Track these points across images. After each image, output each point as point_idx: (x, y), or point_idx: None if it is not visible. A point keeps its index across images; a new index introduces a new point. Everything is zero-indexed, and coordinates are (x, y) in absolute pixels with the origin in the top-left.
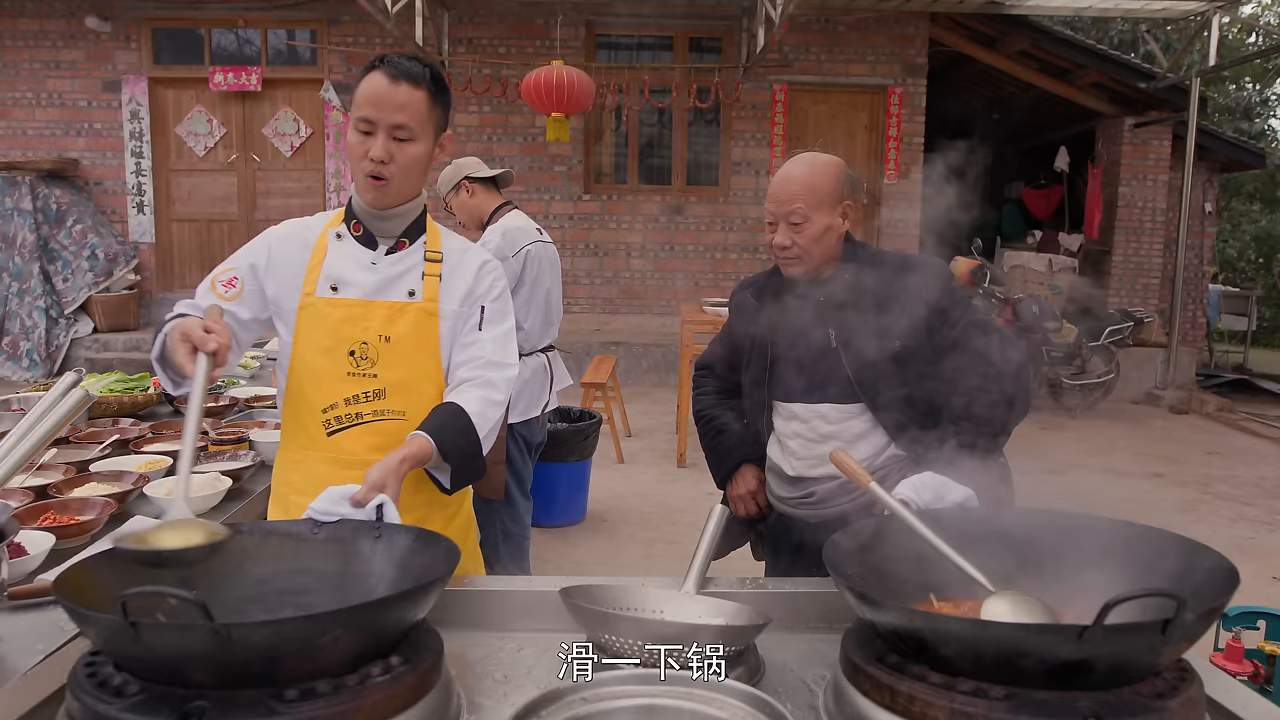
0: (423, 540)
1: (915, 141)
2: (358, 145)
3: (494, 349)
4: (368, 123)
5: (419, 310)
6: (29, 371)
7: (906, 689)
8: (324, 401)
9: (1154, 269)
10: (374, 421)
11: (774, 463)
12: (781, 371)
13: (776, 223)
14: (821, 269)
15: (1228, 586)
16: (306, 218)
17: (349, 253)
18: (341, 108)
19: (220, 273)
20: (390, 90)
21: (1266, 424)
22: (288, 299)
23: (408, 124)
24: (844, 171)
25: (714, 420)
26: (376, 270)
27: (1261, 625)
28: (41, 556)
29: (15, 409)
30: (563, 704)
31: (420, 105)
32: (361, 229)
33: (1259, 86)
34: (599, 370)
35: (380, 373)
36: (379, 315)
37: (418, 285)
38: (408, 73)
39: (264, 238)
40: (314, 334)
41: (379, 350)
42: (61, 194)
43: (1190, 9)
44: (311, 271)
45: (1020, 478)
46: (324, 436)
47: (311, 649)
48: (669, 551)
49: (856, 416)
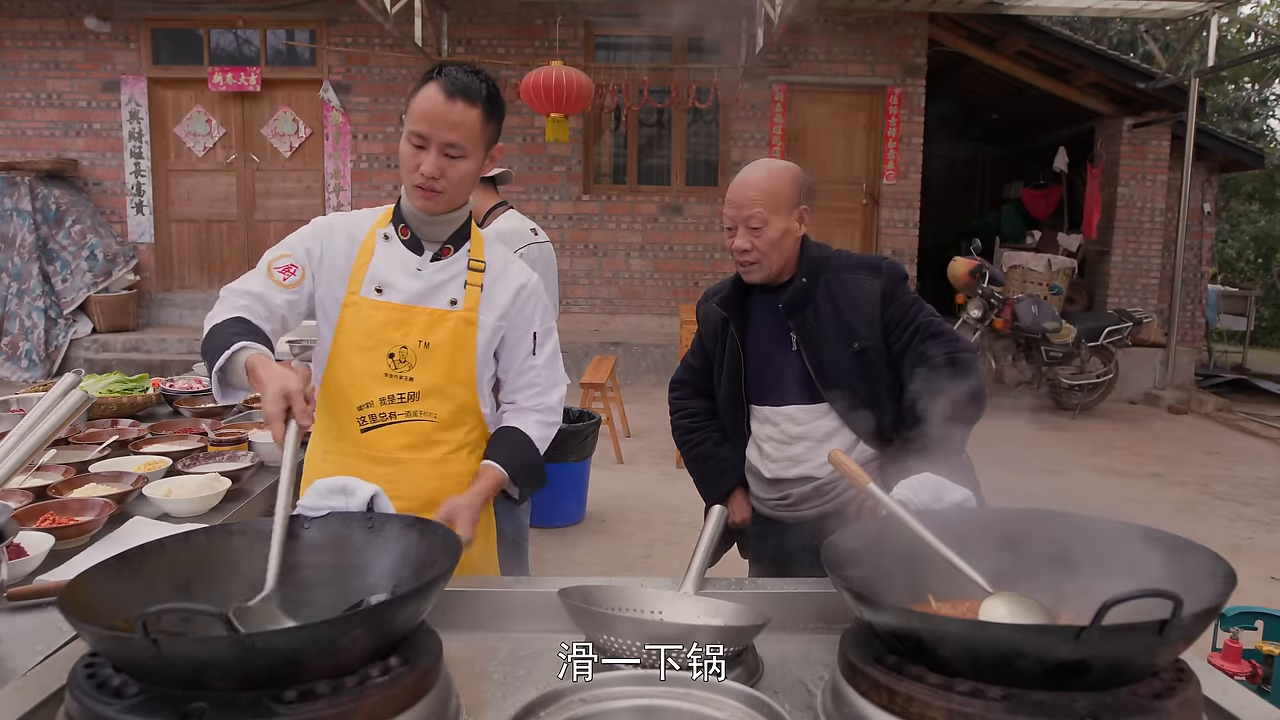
0: (418, 528)
1: (914, 142)
2: (410, 157)
3: (548, 373)
4: (420, 138)
5: (459, 319)
6: (28, 372)
7: (904, 689)
8: (360, 399)
9: (1153, 269)
10: (406, 422)
11: (752, 464)
12: (752, 376)
13: (735, 227)
14: (780, 273)
15: (1225, 587)
16: (354, 212)
17: (396, 256)
18: (341, 108)
19: (276, 259)
20: (445, 108)
21: (1265, 424)
22: (333, 294)
23: (460, 142)
24: (800, 176)
25: (699, 444)
26: (421, 277)
27: (1259, 625)
28: (41, 557)
29: (14, 409)
30: (561, 705)
31: (474, 123)
32: (409, 233)
33: (1258, 87)
34: (598, 370)
35: (417, 376)
36: (420, 321)
37: (459, 294)
38: (464, 89)
39: (314, 229)
40: (355, 333)
41: (417, 355)
42: (61, 194)
43: (1189, 9)
44: (358, 270)
45: (1019, 478)
46: (357, 433)
47: (333, 651)
48: (668, 552)
49: (823, 416)
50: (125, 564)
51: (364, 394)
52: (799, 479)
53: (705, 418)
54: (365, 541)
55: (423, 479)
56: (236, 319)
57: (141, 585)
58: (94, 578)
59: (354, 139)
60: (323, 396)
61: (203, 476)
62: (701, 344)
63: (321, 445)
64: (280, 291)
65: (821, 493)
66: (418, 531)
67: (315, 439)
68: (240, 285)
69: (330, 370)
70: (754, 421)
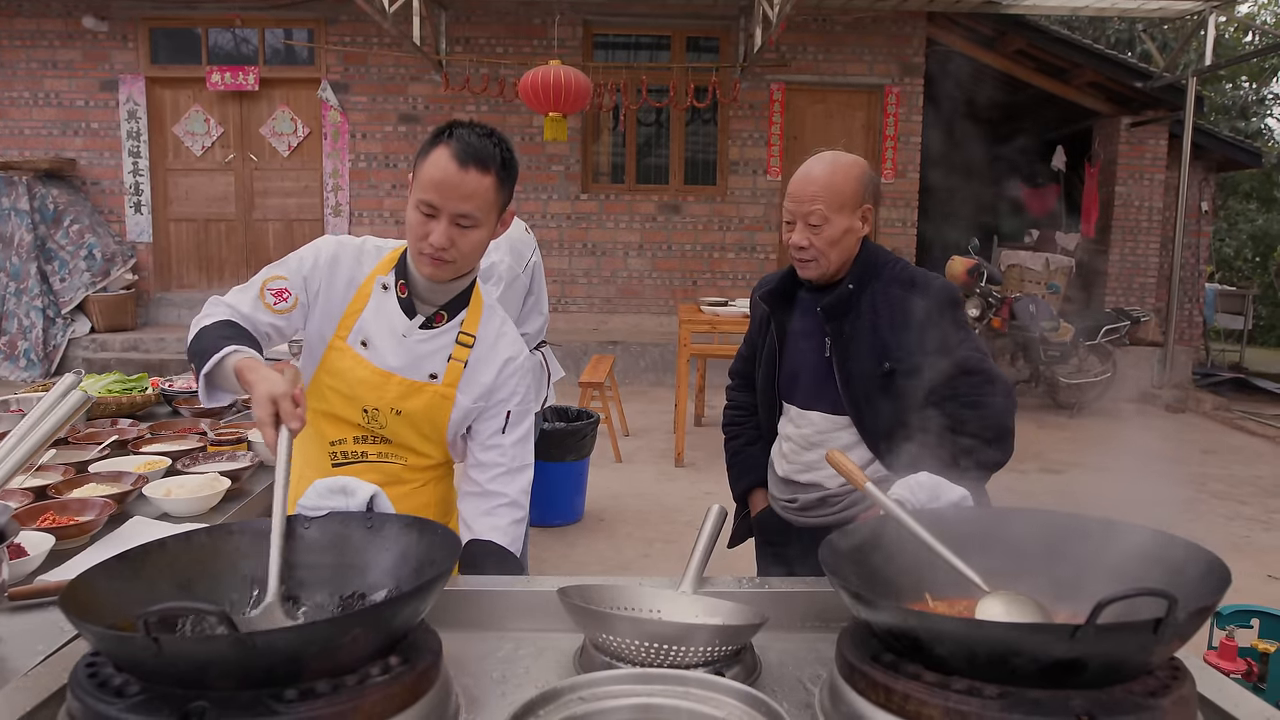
0: (418, 527)
1: (912, 141)
2: (419, 225)
3: (515, 454)
4: (431, 207)
5: (436, 393)
6: (26, 371)
7: (901, 688)
8: (334, 435)
9: (1150, 268)
10: (377, 462)
11: (772, 460)
12: (785, 373)
13: (794, 221)
14: (837, 272)
15: (1220, 586)
16: (363, 243)
17: (387, 313)
18: (339, 108)
19: (270, 279)
20: (459, 178)
21: (1262, 423)
22: (321, 334)
23: (473, 213)
24: (866, 173)
25: (733, 439)
26: (405, 345)
27: (1255, 624)
28: (41, 557)
29: (14, 410)
30: (560, 703)
31: (487, 192)
32: (407, 292)
33: (1255, 85)
34: (596, 370)
35: (388, 435)
36: (395, 390)
37: (441, 369)
38: (477, 156)
39: (317, 261)
40: (334, 378)
41: (388, 418)
42: (59, 194)
43: (1187, 8)
44: (349, 316)
45: (1017, 477)
46: (329, 466)
47: (333, 650)
48: (667, 551)
49: (844, 429)
50: (126, 564)
51: (338, 431)
52: (808, 485)
53: (747, 413)
54: (365, 541)
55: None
56: (225, 322)
57: (143, 585)
58: (95, 577)
59: (352, 138)
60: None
61: (202, 476)
62: (750, 333)
63: (297, 468)
64: (268, 315)
65: (828, 504)
66: (417, 531)
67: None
68: (230, 299)
69: (310, 398)
70: (783, 418)
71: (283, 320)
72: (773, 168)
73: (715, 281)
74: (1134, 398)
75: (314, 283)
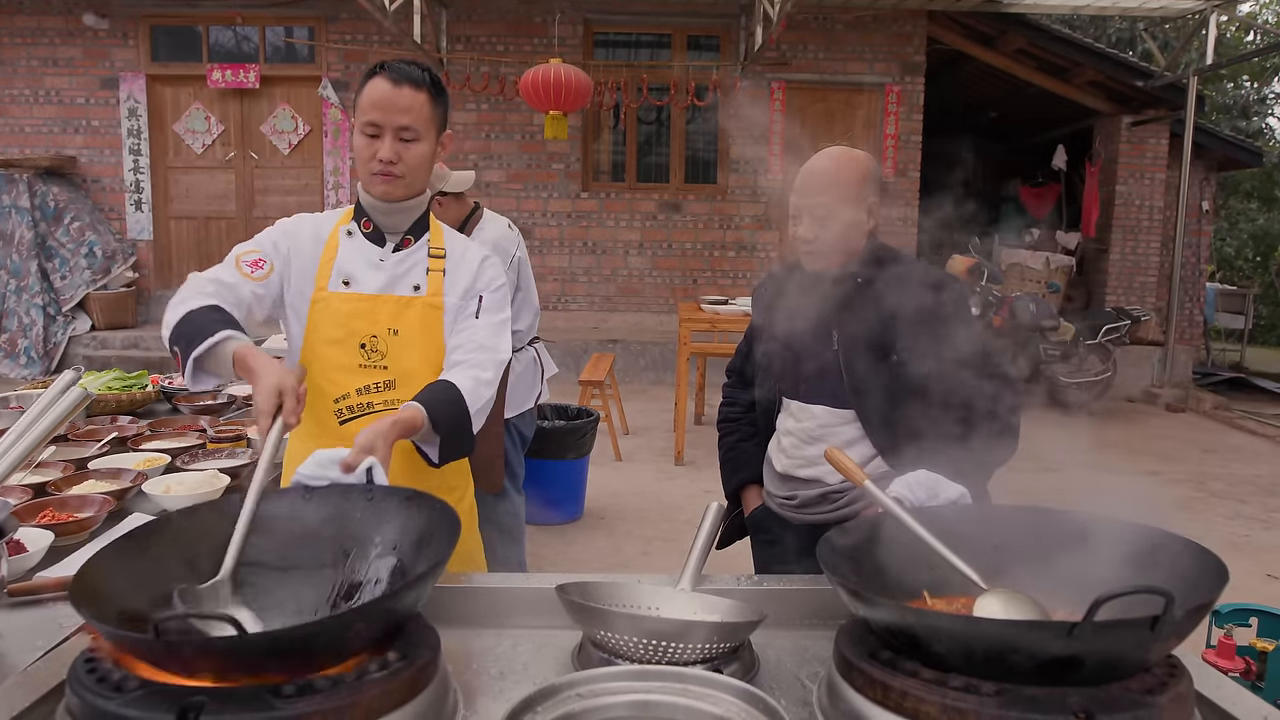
0: (416, 500)
1: (913, 140)
2: (365, 148)
3: (487, 334)
4: (374, 126)
5: (424, 304)
6: (26, 369)
7: (899, 685)
8: (336, 391)
9: (1151, 267)
10: (384, 411)
11: (770, 456)
12: (788, 367)
13: (800, 215)
14: (843, 265)
15: (1217, 583)
16: (316, 214)
17: (359, 249)
18: (340, 105)
19: (245, 252)
20: (394, 94)
21: (1263, 422)
22: (301, 292)
23: (412, 125)
24: (871, 167)
25: (727, 435)
26: (384, 267)
27: (1254, 622)
28: (40, 553)
29: (13, 406)
30: (558, 699)
31: (423, 107)
32: (371, 226)
33: (1256, 85)
34: (596, 368)
35: (390, 364)
36: (387, 310)
37: (422, 280)
38: (409, 76)
39: (281, 228)
40: (326, 327)
41: (388, 343)
42: (59, 191)
43: (1188, 7)
44: (324, 266)
45: (1015, 475)
46: (336, 425)
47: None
48: (666, 549)
49: (848, 423)
50: (134, 542)
51: (339, 387)
52: (809, 480)
53: (744, 409)
54: (365, 512)
55: (404, 468)
56: (213, 307)
57: (150, 565)
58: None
59: (353, 136)
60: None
61: (202, 473)
62: (751, 329)
63: (300, 444)
64: (248, 284)
65: (829, 500)
66: (416, 504)
67: (293, 437)
68: (209, 274)
69: (304, 366)
70: (783, 414)
71: (262, 288)
72: (773, 166)
73: (715, 280)
74: (1134, 397)
75: (283, 246)
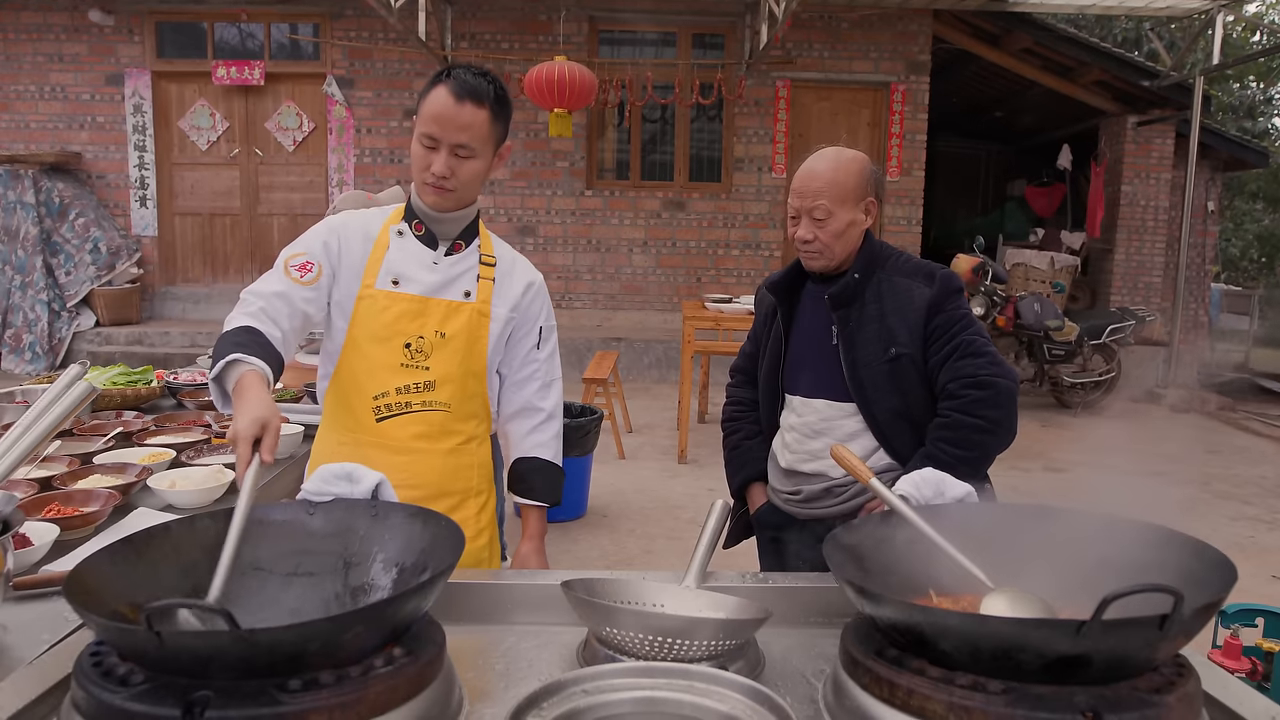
0: (422, 517)
1: (918, 139)
2: (421, 157)
3: (549, 368)
4: (431, 139)
5: (473, 310)
6: (31, 365)
7: (905, 683)
8: (376, 389)
9: (1156, 267)
10: (422, 411)
11: (774, 452)
12: (790, 363)
13: (799, 216)
14: (841, 264)
15: (1225, 583)
16: (364, 211)
17: (411, 250)
18: (344, 102)
19: (292, 256)
20: (455, 110)
21: (1268, 423)
22: (347, 288)
23: (469, 143)
24: (869, 167)
25: (732, 434)
26: (437, 270)
27: (1260, 623)
28: (46, 548)
29: (19, 401)
30: (563, 696)
31: (482, 124)
32: (424, 228)
33: (1263, 85)
34: (600, 366)
35: (433, 365)
36: (437, 312)
37: (473, 287)
38: (472, 91)
39: (329, 226)
40: (372, 324)
41: (433, 345)
42: (64, 187)
43: (1194, 7)
44: (373, 264)
45: (1021, 476)
46: (372, 422)
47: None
48: (669, 547)
49: (850, 416)
50: (130, 548)
51: (380, 384)
52: (813, 475)
53: (747, 408)
54: (369, 528)
55: (435, 468)
56: (246, 328)
57: (146, 570)
58: (99, 563)
59: (357, 133)
60: (335, 388)
61: (206, 468)
62: (754, 329)
63: (335, 436)
64: (298, 289)
65: (833, 494)
66: (421, 521)
67: (326, 430)
68: (260, 287)
69: (345, 361)
70: (785, 410)
71: (312, 291)
72: (778, 165)
73: (720, 278)
74: (1139, 397)
75: (333, 245)
